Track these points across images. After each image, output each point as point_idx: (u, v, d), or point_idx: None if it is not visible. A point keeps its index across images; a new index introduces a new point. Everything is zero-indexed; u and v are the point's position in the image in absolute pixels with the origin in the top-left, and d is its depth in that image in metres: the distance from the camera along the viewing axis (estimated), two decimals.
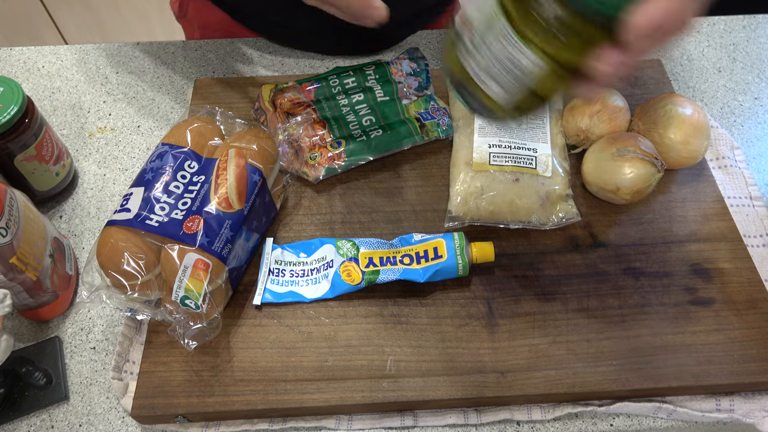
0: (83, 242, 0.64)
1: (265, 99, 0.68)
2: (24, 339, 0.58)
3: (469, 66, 0.39)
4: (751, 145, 0.71)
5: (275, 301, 0.57)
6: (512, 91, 0.39)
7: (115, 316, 0.59)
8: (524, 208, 0.60)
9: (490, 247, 0.57)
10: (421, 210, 0.63)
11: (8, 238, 0.50)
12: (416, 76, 0.70)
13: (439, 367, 0.53)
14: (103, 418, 0.54)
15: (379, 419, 0.53)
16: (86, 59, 0.80)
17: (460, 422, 0.53)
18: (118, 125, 0.73)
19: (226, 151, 0.56)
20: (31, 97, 0.70)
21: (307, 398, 0.52)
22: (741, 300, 0.56)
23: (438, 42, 0.81)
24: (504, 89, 0.39)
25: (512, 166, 0.61)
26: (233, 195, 0.54)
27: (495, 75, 0.38)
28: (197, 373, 0.53)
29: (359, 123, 0.65)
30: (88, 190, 0.68)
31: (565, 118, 0.66)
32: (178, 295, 0.50)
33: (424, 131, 0.66)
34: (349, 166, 0.64)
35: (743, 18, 0.83)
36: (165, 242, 0.52)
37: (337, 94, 0.68)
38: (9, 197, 0.51)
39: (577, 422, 0.53)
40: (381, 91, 0.68)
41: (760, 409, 0.53)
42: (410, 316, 0.56)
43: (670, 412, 0.53)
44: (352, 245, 0.58)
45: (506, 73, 0.38)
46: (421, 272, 0.55)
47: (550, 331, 0.55)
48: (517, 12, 0.35)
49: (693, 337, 0.54)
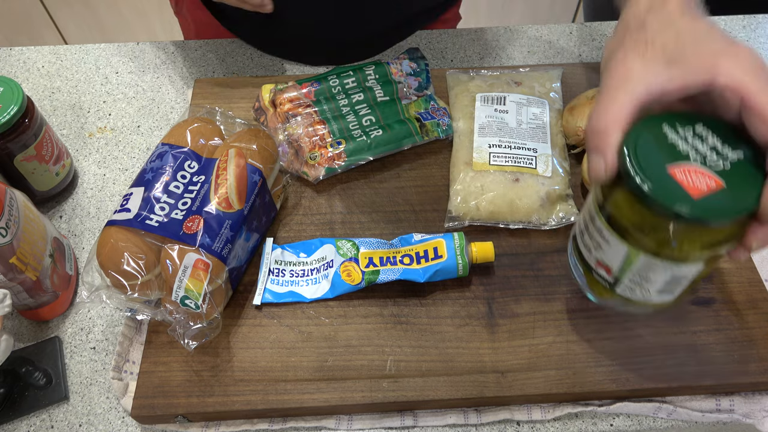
0: (83, 242, 0.64)
1: (265, 99, 0.68)
2: (24, 339, 0.58)
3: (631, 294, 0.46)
4: None
5: (275, 301, 0.57)
6: (679, 292, 0.45)
7: (115, 316, 0.59)
8: (524, 208, 0.60)
9: (490, 247, 0.57)
10: (421, 210, 0.63)
11: (8, 238, 0.50)
12: (416, 76, 0.70)
13: (439, 367, 0.53)
14: (103, 418, 0.54)
15: (379, 419, 0.53)
16: (86, 59, 0.80)
17: (460, 422, 0.53)
18: (118, 125, 0.73)
19: (226, 151, 0.56)
20: (31, 97, 0.70)
21: (307, 398, 0.52)
22: (741, 300, 0.56)
23: (438, 42, 0.81)
24: (673, 295, 0.45)
25: (512, 166, 0.61)
26: (233, 195, 0.54)
27: (663, 290, 0.44)
28: (197, 373, 0.53)
29: (359, 123, 0.65)
30: (88, 190, 0.68)
31: (565, 118, 0.66)
32: (178, 295, 0.50)
33: (424, 131, 0.66)
34: (349, 166, 0.64)
35: (743, 18, 0.83)
36: (165, 242, 0.52)
37: (337, 94, 0.68)
38: (9, 197, 0.51)
39: (577, 422, 0.53)
40: (381, 90, 0.68)
41: (760, 409, 0.53)
42: (410, 316, 0.56)
43: (670, 412, 0.53)
44: (352, 245, 0.58)
45: (673, 285, 0.44)
46: (421, 272, 0.55)
47: (550, 331, 0.55)
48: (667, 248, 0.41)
49: (693, 337, 0.54)
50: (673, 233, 0.39)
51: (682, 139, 0.41)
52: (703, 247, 0.40)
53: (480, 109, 0.66)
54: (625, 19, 0.47)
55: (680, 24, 0.43)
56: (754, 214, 0.39)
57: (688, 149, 0.40)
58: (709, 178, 0.39)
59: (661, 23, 0.44)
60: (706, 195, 0.38)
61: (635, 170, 0.39)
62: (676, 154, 0.40)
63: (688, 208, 0.38)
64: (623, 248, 0.43)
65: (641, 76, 0.41)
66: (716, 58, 0.40)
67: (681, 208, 0.38)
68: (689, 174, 0.39)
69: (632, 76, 0.42)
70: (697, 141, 0.41)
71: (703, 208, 0.38)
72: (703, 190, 0.38)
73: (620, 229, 0.42)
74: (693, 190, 0.38)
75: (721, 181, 0.39)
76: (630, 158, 0.40)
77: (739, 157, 0.40)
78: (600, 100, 0.42)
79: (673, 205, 0.38)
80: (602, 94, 0.43)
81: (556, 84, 0.69)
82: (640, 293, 0.45)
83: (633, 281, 0.44)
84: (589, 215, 0.45)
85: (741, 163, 0.40)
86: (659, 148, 0.40)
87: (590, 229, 0.45)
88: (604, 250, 0.44)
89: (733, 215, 0.38)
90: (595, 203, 0.44)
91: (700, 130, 0.41)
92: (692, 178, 0.39)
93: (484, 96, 0.67)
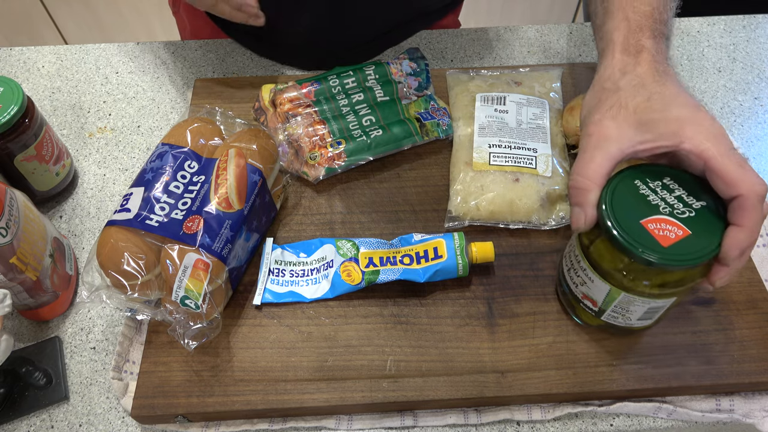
0: (83, 242, 0.64)
1: (265, 99, 0.68)
2: (24, 339, 0.58)
3: (614, 321, 0.51)
4: (751, 145, 0.71)
5: (275, 301, 0.57)
6: (657, 317, 0.51)
7: (115, 316, 0.59)
8: (524, 208, 0.60)
9: (490, 247, 0.57)
10: (421, 210, 0.63)
11: (8, 238, 0.50)
12: (416, 76, 0.70)
13: (439, 367, 0.53)
14: (103, 418, 0.54)
15: (379, 419, 0.53)
16: (86, 59, 0.80)
17: (460, 422, 0.53)
18: (118, 125, 0.73)
19: (226, 151, 0.56)
20: (31, 97, 0.70)
21: (307, 398, 0.52)
22: (741, 300, 0.56)
23: (438, 42, 0.81)
24: (651, 320, 0.51)
25: (512, 166, 0.61)
26: (233, 195, 0.54)
27: (642, 318, 0.50)
28: (197, 373, 0.53)
29: (359, 123, 0.65)
30: (88, 190, 0.68)
31: (565, 118, 0.66)
32: (178, 295, 0.50)
33: (424, 131, 0.66)
34: (349, 166, 0.64)
35: (743, 18, 0.83)
36: (165, 242, 0.52)
37: (337, 94, 0.68)
38: (9, 197, 0.51)
39: (577, 422, 0.53)
40: (381, 91, 0.68)
41: (760, 409, 0.53)
42: (410, 316, 0.56)
43: (670, 412, 0.53)
44: (352, 245, 0.58)
45: (651, 314, 0.50)
46: (421, 272, 0.55)
47: (550, 331, 0.55)
48: (643, 287, 0.46)
49: (693, 337, 0.54)
50: (647, 276, 0.46)
51: (653, 191, 0.46)
52: (675, 285, 0.46)
53: (480, 109, 0.66)
54: (601, 79, 0.52)
55: (651, 88, 0.48)
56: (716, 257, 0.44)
57: (658, 201, 0.46)
58: (677, 227, 0.45)
59: (633, 87, 0.49)
60: (674, 243, 0.44)
61: (612, 224, 0.45)
62: (647, 206, 0.46)
63: (658, 257, 0.43)
64: (606, 287, 0.48)
65: (615, 138, 0.47)
66: (682, 125, 0.45)
67: (652, 257, 0.43)
68: (659, 224, 0.45)
69: (608, 139, 0.47)
70: (665, 192, 0.46)
71: (671, 256, 0.43)
72: (671, 239, 0.44)
73: (602, 272, 0.48)
74: (663, 240, 0.44)
75: (687, 229, 0.45)
76: (607, 213, 0.46)
77: (703, 205, 0.46)
78: (579, 159, 0.48)
79: (646, 254, 0.44)
80: (581, 153, 0.48)
81: (556, 84, 0.69)
82: (623, 320, 0.51)
83: (615, 312, 0.50)
84: (574, 256, 0.51)
85: (704, 211, 0.45)
86: (632, 202, 0.46)
87: (576, 268, 0.51)
88: (589, 287, 0.50)
89: (698, 261, 0.44)
90: (579, 247, 0.50)
91: (668, 183, 0.47)
92: (661, 228, 0.45)
93: (484, 96, 0.67)
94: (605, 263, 0.47)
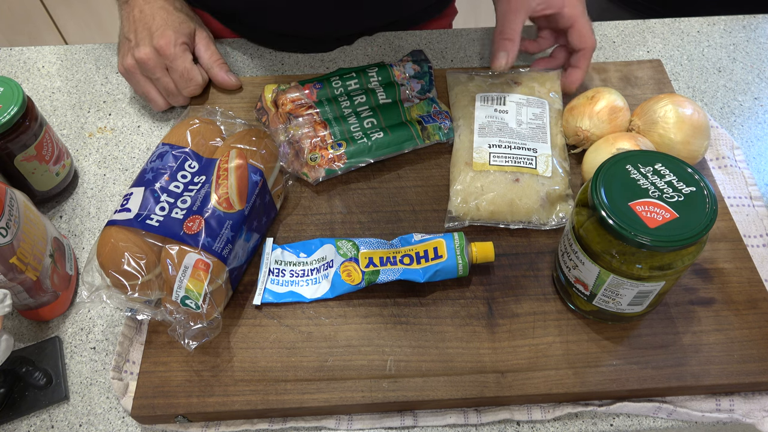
0: (83, 242, 0.64)
1: (268, 99, 0.68)
2: (24, 339, 0.58)
3: (605, 306, 0.52)
4: (751, 145, 0.71)
5: (275, 301, 0.57)
6: (647, 303, 0.52)
7: (115, 316, 0.59)
8: (524, 208, 0.60)
9: (490, 247, 0.57)
10: (421, 210, 0.63)
11: (8, 238, 0.50)
12: (419, 78, 0.70)
13: (439, 367, 0.53)
14: (103, 418, 0.54)
15: (379, 419, 0.53)
16: (86, 59, 0.80)
17: (460, 422, 0.53)
18: (118, 125, 0.73)
19: (227, 152, 0.56)
20: (31, 97, 0.70)
21: (307, 398, 0.52)
22: (741, 300, 0.56)
23: (438, 42, 0.81)
24: (642, 306, 0.52)
25: (512, 166, 0.61)
26: (234, 195, 0.54)
27: (632, 303, 0.51)
28: (197, 373, 0.53)
29: (360, 125, 0.65)
30: (88, 190, 0.68)
31: (565, 118, 0.66)
32: (178, 295, 0.50)
33: (425, 134, 0.66)
34: (349, 168, 0.64)
35: (743, 18, 0.83)
36: (165, 242, 0.52)
37: (339, 95, 0.68)
38: (9, 197, 0.51)
39: (577, 422, 0.53)
40: (383, 93, 0.68)
41: (760, 409, 0.53)
42: (410, 316, 0.56)
43: (670, 412, 0.53)
44: (352, 245, 0.58)
45: (641, 299, 0.50)
46: (421, 272, 0.56)
47: (550, 331, 0.55)
48: (634, 268, 0.47)
49: (693, 337, 0.54)
50: (634, 258, 0.47)
51: (643, 176, 0.48)
52: (662, 268, 0.47)
53: (480, 109, 0.66)
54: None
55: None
56: None
57: (648, 185, 0.48)
58: (665, 210, 0.46)
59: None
60: (660, 225, 0.45)
61: (602, 206, 0.46)
62: (637, 190, 0.47)
63: (645, 238, 0.45)
64: (596, 269, 0.49)
65: (525, 4, 0.67)
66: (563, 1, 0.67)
67: (639, 238, 0.45)
68: (647, 207, 0.46)
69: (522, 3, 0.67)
70: (656, 177, 0.48)
71: (657, 238, 0.45)
72: (658, 221, 0.46)
73: (592, 253, 0.49)
74: (649, 221, 0.46)
75: (675, 213, 0.46)
76: (597, 195, 0.47)
77: (692, 191, 0.47)
78: (498, 19, 0.68)
79: (633, 235, 0.45)
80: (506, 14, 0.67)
81: (555, 84, 0.69)
82: (613, 305, 0.52)
83: (606, 295, 0.51)
84: (567, 240, 0.52)
85: (694, 196, 0.47)
86: (623, 186, 0.48)
87: (569, 251, 0.52)
88: (580, 270, 0.51)
89: (683, 243, 0.45)
90: (571, 230, 0.51)
91: (659, 168, 0.49)
92: (649, 211, 0.46)
93: (484, 96, 0.67)
94: (594, 244, 0.48)
